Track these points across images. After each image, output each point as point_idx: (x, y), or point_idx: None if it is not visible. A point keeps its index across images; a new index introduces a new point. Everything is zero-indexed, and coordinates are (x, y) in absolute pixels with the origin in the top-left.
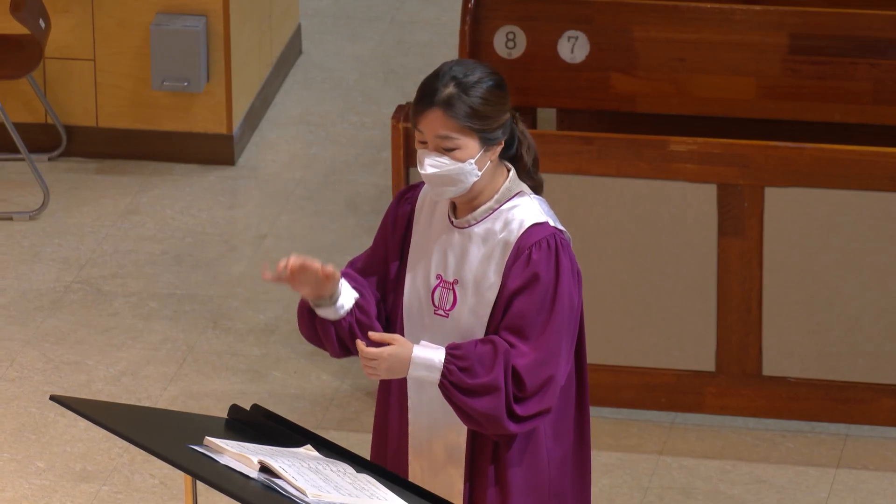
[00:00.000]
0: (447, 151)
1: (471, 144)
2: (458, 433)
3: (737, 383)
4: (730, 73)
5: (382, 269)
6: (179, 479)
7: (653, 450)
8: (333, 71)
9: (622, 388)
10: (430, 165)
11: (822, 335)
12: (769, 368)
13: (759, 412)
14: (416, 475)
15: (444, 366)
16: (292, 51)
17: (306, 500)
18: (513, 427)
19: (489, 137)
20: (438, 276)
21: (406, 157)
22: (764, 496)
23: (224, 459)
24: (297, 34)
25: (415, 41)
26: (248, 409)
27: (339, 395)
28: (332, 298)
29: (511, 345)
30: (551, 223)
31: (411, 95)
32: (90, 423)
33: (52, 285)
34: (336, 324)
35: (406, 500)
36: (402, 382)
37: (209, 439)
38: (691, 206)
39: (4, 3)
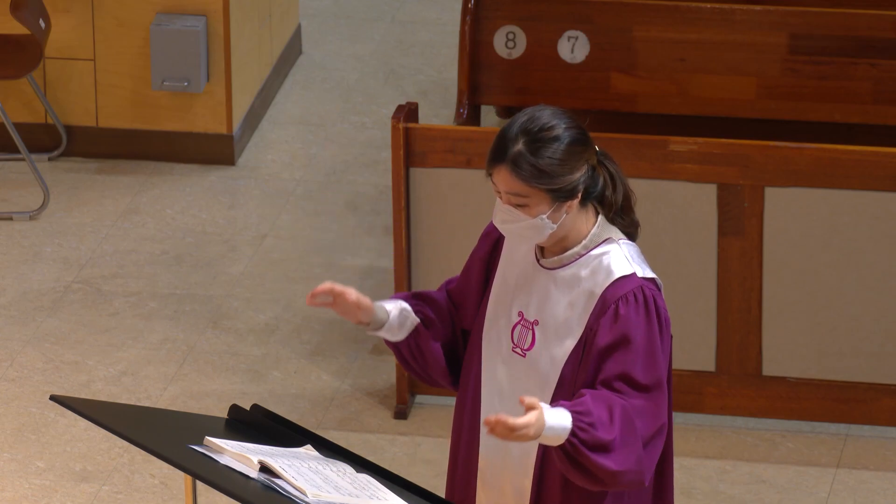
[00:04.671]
0: (518, 207)
1: (541, 202)
2: (524, 475)
3: (737, 383)
4: (730, 73)
5: (466, 292)
6: (179, 479)
7: None
8: (333, 71)
9: None
10: (502, 219)
11: (822, 335)
12: (769, 368)
13: (759, 412)
14: None
15: (574, 425)
16: (292, 51)
17: (306, 500)
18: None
19: (560, 195)
20: (520, 314)
21: (406, 157)
22: (764, 496)
23: (224, 459)
24: (297, 34)
25: (415, 41)
26: (248, 409)
27: (339, 395)
28: (372, 326)
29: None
30: (640, 273)
31: (411, 95)
32: (90, 423)
33: (52, 285)
34: (397, 345)
35: (406, 500)
36: (476, 414)
37: (209, 439)
38: (691, 206)
39: (4, 3)
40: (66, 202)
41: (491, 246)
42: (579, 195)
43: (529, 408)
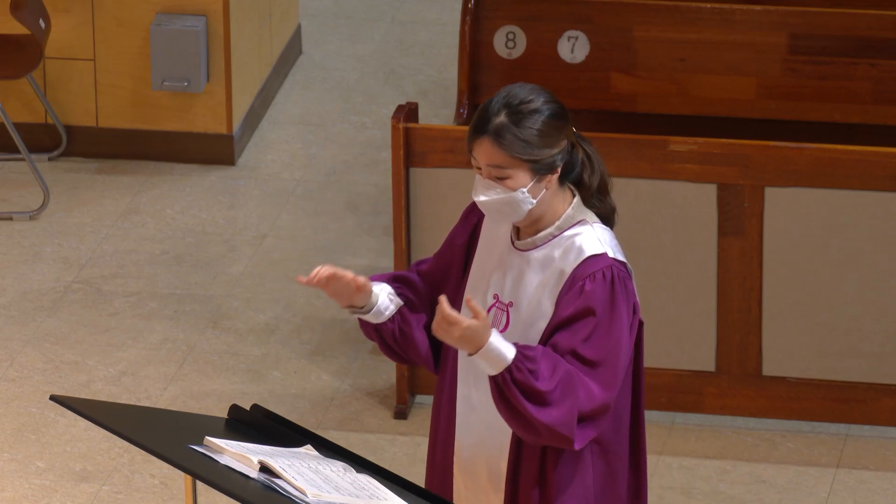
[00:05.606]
0: (499, 180)
1: (521, 174)
2: (499, 458)
3: (737, 383)
4: (730, 73)
5: (445, 276)
6: (179, 479)
7: (653, 450)
8: (333, 71)
9: None
10: (483, 194)
11: (822, 335)
12: (769, 368)
13: (759, 412)
14: (459, 492)
15: (513, 362)
16: (292, 51)
17: (306, 500)
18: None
19: (540, 168)
20: (495, 296)
21: (406, 157)
22: (764, 496)
23: (224, 459)
24: (297, 34)
25: (415, 41)
26: (248, 409)
27: (339, 395)
28: (365, 309)
29: None
30: (610, 254)
31: (411, 95)
32: (90, 423)
33: (52, 285)
34: (379, 327)
35: (406, 500)
36: (452, 398)
37: (209, 439)
38: (691, 206)
39: (4, 3)
40: (66, 202)
41: (469, 233)
42: (558, 170)
43: (475, 314)
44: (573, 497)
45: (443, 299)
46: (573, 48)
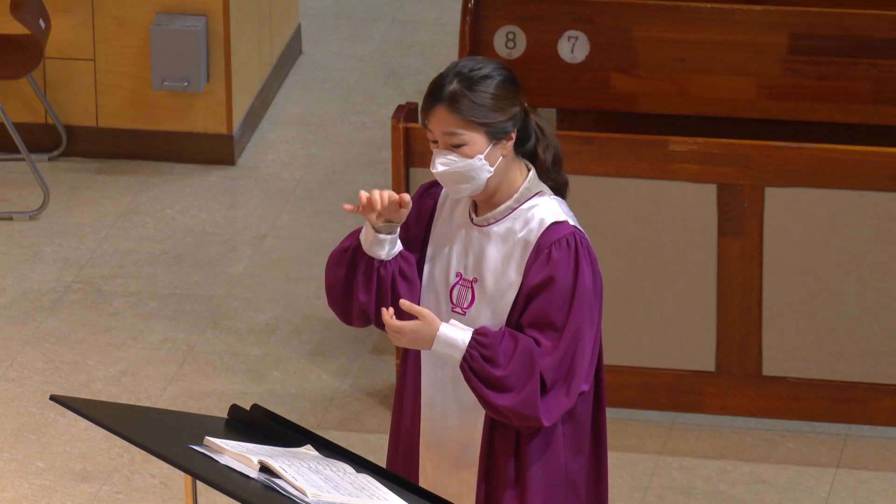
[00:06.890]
0: (455, 148)
1: (478, 139)
2: (472, 433)
3: (737, 383)
4: (730, 73)
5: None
6: (179, 479)
7: (653, 450)
8: (333, 71)
9: (622, 388)
10: (441, 164)
11: (822, 335)
12: (769, 368)
13: (759, 412)
14: (426, 474)
15: (468, 350)
16: (292, 51)
17: (306, 500)
18: (544, 419)
19: (496, 132)
20: (458, 274)
21: (406, 157)
22: (764, 496)
23: (224, 459)
24: (297, 34)
25: (415, 41)
26: (248, 409)
27: (339, 395)
28: (391, 229)
29: (536, 341)
30: (571, 222)
31: (411, 95)
32: (90, 423)
33: (52, 285)
34: (382, 265)
35: (406, 500)
36: (417, 379)
37: (209, 439)
38: (691, 206)
39: (4, 3)
40: (66, 202)
41: (426, 220)
42: (513, 136)
43: (416, 314)
44: (546, 468)
45: (384, 313)
46: (573, 48)
